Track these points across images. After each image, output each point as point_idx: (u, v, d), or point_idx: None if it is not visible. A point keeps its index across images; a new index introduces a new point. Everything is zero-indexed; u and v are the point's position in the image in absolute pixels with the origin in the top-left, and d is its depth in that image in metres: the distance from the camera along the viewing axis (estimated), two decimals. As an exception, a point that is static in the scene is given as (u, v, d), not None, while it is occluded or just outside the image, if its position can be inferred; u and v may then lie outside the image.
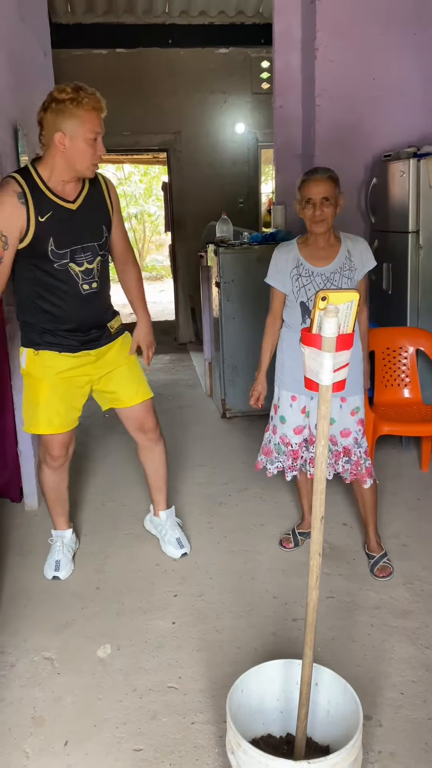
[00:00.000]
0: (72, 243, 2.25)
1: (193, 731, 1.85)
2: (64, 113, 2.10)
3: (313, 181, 2.39)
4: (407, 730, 1.84)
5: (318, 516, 1.26)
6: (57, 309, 2.32)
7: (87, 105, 2.11)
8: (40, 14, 4.44)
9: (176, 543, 2.75)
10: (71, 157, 2.17)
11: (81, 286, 2.31)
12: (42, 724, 1.90)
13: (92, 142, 2.15)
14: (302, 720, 1.45)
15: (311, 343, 1.14)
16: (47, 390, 2.40)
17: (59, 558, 2.64)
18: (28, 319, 2.39)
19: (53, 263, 2.24)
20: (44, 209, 2.19)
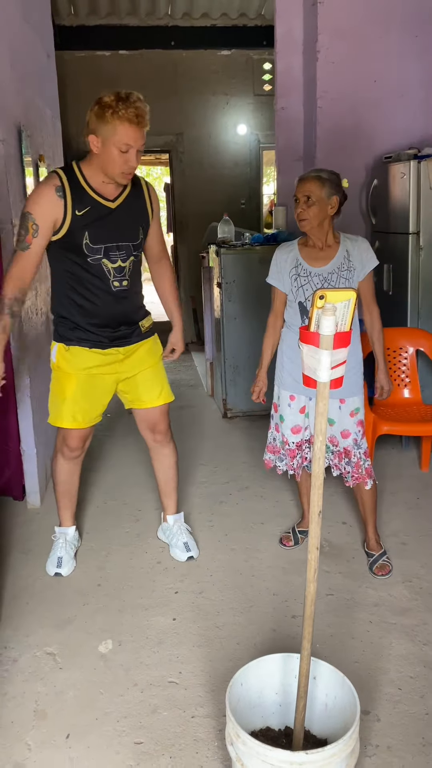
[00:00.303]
0: (107, 240, 2.31)
1: (193, 725, 1.88)
2: (102, 118, 2.15)
3: (301, 181, 2.44)
4: (405, 724, 1.86)
5: (316, 510, 1.29)
6: (88, 303, 2.38)
7: (123, 116, 2.12)
8: (43, 16, 4.47)
9: (183, 546, 2.75)
10: (103, 161, 2.22)
11: (112, 282, 2.36)
12: (44, 717, 1.92)
13: (122, 153, 2.18)
14: (300, 712, 1.47)
15: (309, 340, 1.17)
16: (74, 385, 2.46)
17: (61, 555, 2.67)
18: (61, 312, 2.45)
19: (87, 257, 2.31)
20: (82, 204, 2.26)
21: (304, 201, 2.41)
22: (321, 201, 2.40)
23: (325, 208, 2.41)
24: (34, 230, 2.22)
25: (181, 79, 6.84)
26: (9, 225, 2.93)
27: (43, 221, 2.23)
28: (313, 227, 2.43)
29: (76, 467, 2.69)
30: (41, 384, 3.41)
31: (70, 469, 2.67)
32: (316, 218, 2.41)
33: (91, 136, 2.20)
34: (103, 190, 2.30)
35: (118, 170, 2.22)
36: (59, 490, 2.72)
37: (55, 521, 3.08)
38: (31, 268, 2.27)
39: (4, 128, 2.90)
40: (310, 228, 2.44)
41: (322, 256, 2.49)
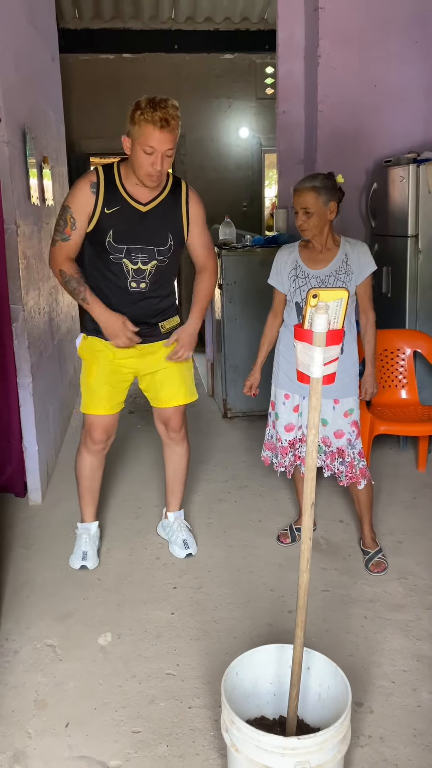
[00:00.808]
0: (130, 241, 2.38)
1: (190, 715, 1.92)
2: (132, 120, 2.22)
3: (297, 192, 2.47)
4: (397, 716, 1.90)
5: (308, 502, 1.33)
6: (105, 299, 2.45)
7: (149, 119, 2.17)
8: (48, 19, 4.54)
9: (182, 543, 2.79)
10: (132, 162, 2.30)
11: (129, 282, 2.44)
12: (44, 707, 1.97)
13: (147, 154, 2.22)
14: (293, 699, 1.51)
15: (303, 338, 1.21)
16: (95, 372, 2.55)
17: (86, 549, 2.70)
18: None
19: (109, 254, 2.39)
20: (113, 203, 2.36)
21: (303, 213, 2.45)
22: (319, 211, 2.44)
23: (324, 215, 2.46)
24: (72, 223, 2.36)
25: (183, 82, 6.90)
26: (13, 225, 2.98)
27: (79, 215, 2.36)
28: (315, 235, 2.48)
29: (100, 462, 2.72)
30: (43, 382, 3.46)
31: (93, 463, 2.70)
32: (317, 227, 2.47)
33: (124, 137, 2.28)
34: (135, 192, 2.37)
35: (144, 171, 2.27)
36: (82, 485, 2.74)
37: (57, 518, 3.15)
38: (73, 254, 2.42)
39: (9, 130, 2.95)
40: (312, 236, 2.49)
41: (321, 259, 2.53)
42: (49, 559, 2.78)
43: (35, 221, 3.48)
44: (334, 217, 2.49)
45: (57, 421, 3.90)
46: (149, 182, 2.31)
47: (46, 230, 3.80)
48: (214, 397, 5.04)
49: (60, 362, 4.14)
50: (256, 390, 2.74)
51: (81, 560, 2.67)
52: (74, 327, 5.00)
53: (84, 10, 6.31)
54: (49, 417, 3.59)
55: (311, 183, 2.45)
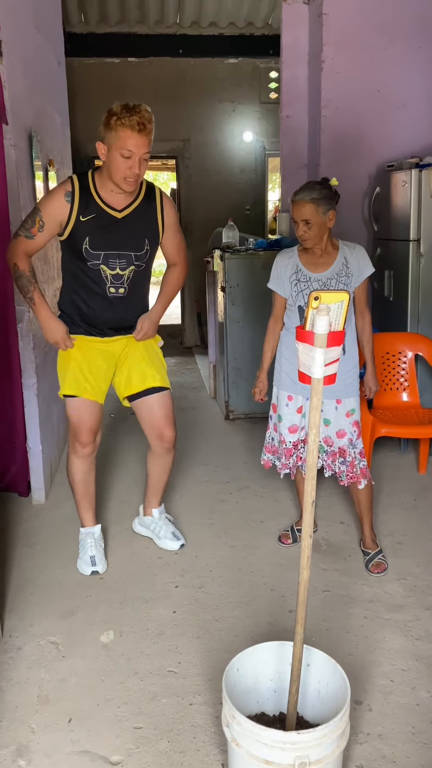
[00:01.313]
0: (107, 247, 2.42)
1: (191, 711, 1.94)
2: (107, 126, 2.27)
3: (295, 204, 2.49)
4: (396, 714, 1.92)
5: (309, 500, 1.36)
6: (85, 306, 2.52)
7: (126, 123, 2.22)
8: (54, 23, 4.57)
9: (172, 536, 2.85)
10: (108, 167, 2.33)
11: (108, 288, 2.47)
12: (47, 702, 1.99)
13: (125, 158, 2.26)
14: (293, 695, 1.54)
15: (304, 339, 1.24)
16: (79, 354, 2.55)
17: (93, 553, 2.68)
18: (64, 308, 2.60)
19: (86, 261, 2.42)
20: (88, 211, 2.39)
21: (303, 224, 2.48)
22: (319, 221, 2.47)
23: (324, 225, 2.49)
24: (40, 225, 2.39)
25: (188, 86, 6.94)
26: (19, 227, 3.01)
27: (48, 220, 2.39)
28: (316, 244, 2.52)
29: (91, 466, 2.72)
30: (47, 382, 3.49)
31: (84, 468, 2.69)
32: (317, 237, 2.50)
33: (99, 143, 2.32)
34: (111, 199, 2.41)
35: (121, 175, 2.30)
36: (77, 491, 2.73)
37: (60, 517, 3.18)
38: (32, 253, 2.44)
39: (16, 134, 2.99)
40: (312, 245, 2.52)
41: (321, 262, 2.57)
42: (53, 557, 2.81)
43: (41, 223, 3.50)
44: (333, 224, 2.53)
45: (60, 421, 3.93)
46: (126, 186, 2.34)
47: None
48: (216, 398, 5.07)
49: (64, 363, 4.16)
50: (265, 396, 2.78)
51: (91, 565, 2.65)
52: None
53: (90, 15, 6.36)
54: (52, 417, 3.62)
55: (310, 195, 2.46)
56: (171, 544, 2.83)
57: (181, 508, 3.24)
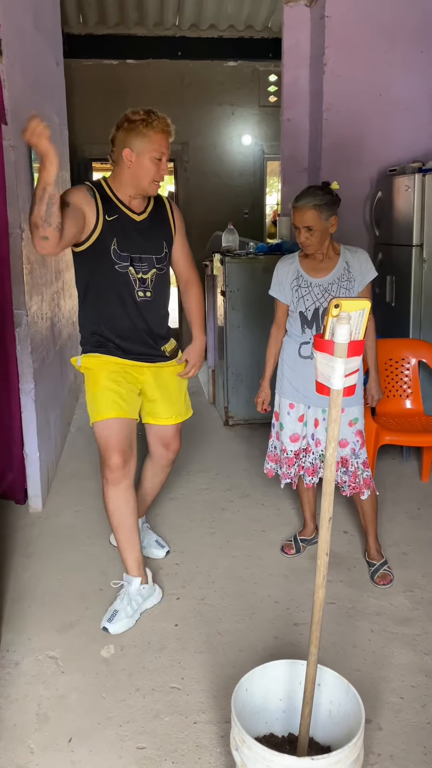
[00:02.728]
0: (133, 250, 2.35)
1: (196, 731, 1.88)
2: (134, 132, 2.23)
3: (297, 210, 2.45)
4: (406, 733, 1.87)
5: (326, 516, 1.30)
6: (115, 311, 2.37)
7: (156, 127, 2.23)
8: (53, 24, 4.52)
9: (156, 544, 2.83)
10: (136, 173, 2.27)
11: (137, 292, 2.38)
12: (46, 720, 1.92)
13: (156, 161, 2.26)
14: (305, 718, 1.48)
15: (324, 348, 1.19)
16: (106, 374, 2.38)
17: (118, 608, 2.34)
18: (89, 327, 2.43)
19: (115, 264, 2.33)
20: (111, 212, 2.32)
21: (305, 230, 2.44)
22: (321, 227, 2.43)
23: (326, 231, 2.45)
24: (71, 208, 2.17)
25: (187, 88, 6.90)
26: (18, 230, 2.95)
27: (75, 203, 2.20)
28: (317, 250, 2.48)
29: (126, 496, 2.36)
30: (45, 387, 3.43)
31: (120, 498, 2.34)
32: (319, 243, 2.46)
33: (126, 150, 2.25)
34: (129, 203, 2.36)
35: (150, 179, 2.28)
36: (114, 525, 2.40)
37: (58, 525, 3.12)
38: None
39: (15, 134, 2.93)
40: (314, 251, 2.49)
41: (322, 267, 2.53)
42: (50, 567, 2.74)
43: (39, 226, 3.45)
44: (335, 229, 2.48)
45: (58, 427, 3.87)
46: (153, 190, 2.32)
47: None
48: (215, 404, 5.01)
49: (61, 368, 4.10)
50: (268, 406, 2.72)
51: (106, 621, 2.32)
52: (75, 332, 4.96)
53: (89, 16, 6.31)
54: (50, 423, 3.56)
55: (312, 201, 2.42)
56: (157, 552, 2.80)
57: (181, 517, 3.18)
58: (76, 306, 5.08)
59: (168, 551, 2.83)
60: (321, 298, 2.52)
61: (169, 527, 3.06)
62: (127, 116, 2.26)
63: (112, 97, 6.69)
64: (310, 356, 2.56)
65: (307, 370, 2.56)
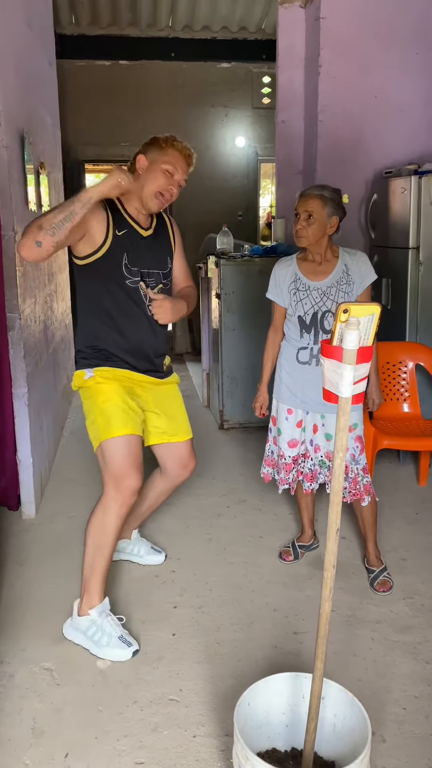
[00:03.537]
0: (142, 264, 2.31)
1: (195, 744, 1.84)
2: (155, 144, 2.29)
3: (303, 197, 2.45)
4: (410, 745, 1.83)
5: (333, 528, 1.26)
6: (125, 327, 2.29)
7: (177, 146, 2.28)
8: (45, 24, 4.48)
9: (153, 551, 2.79)
10: (144, 181, 2.24)
11: (148, 308, 2.32)
12: (42, 735, 1.87)
13: (167, 174, 2.24)
14: (311, 734, 1.44)
15: (332, 355, 1.15)
16: (118, 387, 2.26)
17: (120, 633, 2.22)
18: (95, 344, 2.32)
19: (126, 279, 2.27)
20: (122, 225, 2.27)
21: (305, 218, 2.41)
22: (321, 220, 2.41)
23: (325, 227, 2.43)
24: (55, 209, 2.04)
25: (180, 90, 6.87)
26: (11, 232, 2.90)
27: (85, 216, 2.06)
28: (311, 244, 2.44)
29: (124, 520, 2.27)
30: (38, 392, 3.38)
31: (121, 520, 2.22)
32: (314, 236, 2.43)
33: (140, 156, 2.27)
34: (137, 218, 2.32)
35: (156, 188, 2.24)
36: (101, 545, 2.21)
37: (52, 532, 3.06)
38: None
39: (9, 135, 2.88)
40: (307, 244, 2.45)
41: (320, 270, 2.50)
42: (44, 575, 2.69)
43: (32, 227, 3.40)
44: (334, 232, 2.46)
45: (51, 432, 3.82)
46: (154, 203, 2.27)
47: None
48: (209, 407, 4.97)
49: (54, 371, 4.05)
50: (266, 411, 2.69)
51: (128, 647, 2.19)
52: (68, 336, 4.91)
53: (81, 16, 6.26)
54: (43, 428, 3.51)
55: (320, 191, 2.43)
56: (156, 558, 2.76)
57: (176, 523, 3.13)
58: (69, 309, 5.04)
59: (166, 555, 2.80)
60: (320, 301, 2.49)
61: (164, 534, 3.01)
62: (153, 137, 2.32)
63: (104, 98, 6.66)
64: (308, 361, 2.53)
65: (305, 376, 2.53)
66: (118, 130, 6.74)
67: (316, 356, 2.52)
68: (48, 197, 4.02)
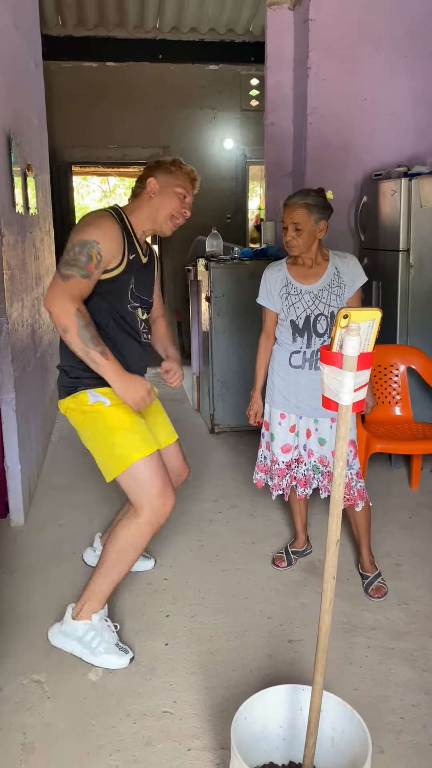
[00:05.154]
0: (142, 291, 2.28)
1: (190, 758, 1.80)
2: (163, 168, 2.25)
3: (287, 207, 2.42)
4: (409, 756, 1.80)
5: (333, 539, 1.23)
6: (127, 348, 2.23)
7: (185, 170, 2.26)
8: (32, 24, 4.43)
9: (143, 558, 2.75)
10: (157, 205, 2.22)
11: (142, 333, 2.29)
12: (32, 751, 1.83)
13: (180, 196, 2.23)
14: (310, 749, 1.41)
15: (331, 361, 1.12)
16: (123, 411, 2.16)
17: (117, 640, 2.21)
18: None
19: (129, 304, 2.22)
20: (131, 250, 2.22)
21: (293, 229, 2.39)
22: (310, 228, 2.39)
23: (314, 234, 2.41)
24: (97, 260, 2.06)
25: (168, 92, 6.83)
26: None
27: (106, 254, 2.08)
28: (302, 252, 2.42)
29: None
30: (26, 397, 3.33)
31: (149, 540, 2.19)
32: (305, 245, 2.42)
33: (151, 179, 2.22)
34: (141, 243, 2.29)
35: (170, 212, 2.22)
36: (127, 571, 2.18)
37: (41, 540, 3.01)
38: (86, 296, 2.08)
39: (-5, 136, 2.83)
40: (299, 253, 2.44)
41: (311, 274, 2.48)
42: (34, 585, 2.64)
43: (19, 231, 3.35)
44: (323, 235, 2.44)
45: (39, 438, 3.76)
46: (168, 229, 2.26)
47: (29, 240, 3.67)
48: (200, 411, 4.93)
49: (42, 376, 4.00)
50: (261, 418, 2.66)
51: (125, 653, 2.17)
52: (55, 339, 4.86)
53: (67, 17, 6.21)
54: (31, 434, 3.45)
55: (304, 200, 2.39)
56: (146, 565, 2.73)
57: (167, 529, 3.08)
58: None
59: (155, 561, 2.76)
60: (312, 305, 2.47)
61: (156, 540, 2.96)
62: (157, 160, 2.30)
63: (91, 100, 6.61)
64: (300, 365, 2.50)
65: (298, 380, 2.50)
66: (106, 132, 6.69)
67: (308, 360, 2.49)
68: (35, 199, 3.97)
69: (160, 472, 2.13)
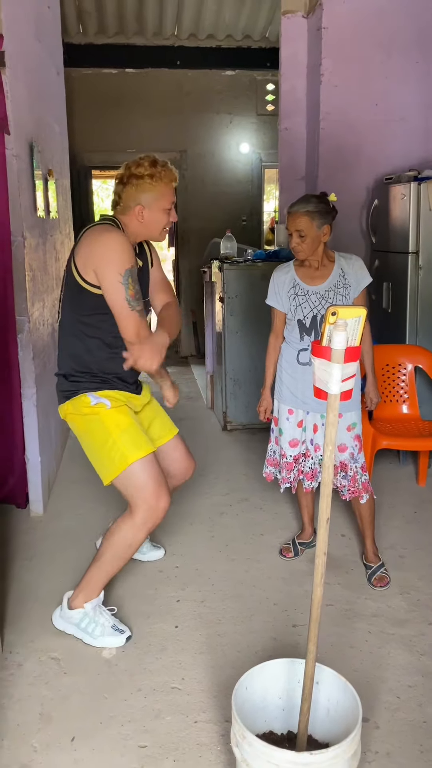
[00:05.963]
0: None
1: (196, 729, 1.91)
2: (143, 188, 2.21)
3: (291, 216, 2.51)
4: (403, 731, 1.90)
5: (324, 517, 1.34)
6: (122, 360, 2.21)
7: (165, 179, 2.23)
8: (53, 33, 4.58)
9: (153, 548, 2.88)
10: (147, 225, 2.27)
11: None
12: (49, 720, 1.96)
13: (167, 211, 2.27)
14: (304, 714, 1.52)
15: (321, 354, 1.23)
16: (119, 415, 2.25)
17: (113, 623, 2.32)
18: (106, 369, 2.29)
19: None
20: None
21: (297, 236, 2.49)
22: (313, 234, 2.49)
23: (318, 239, 2.51)
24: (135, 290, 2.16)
25: (185, 97, 6.96)
26: (20, 237, 3.00)
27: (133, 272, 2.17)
28: (308, 256, 2.53)
29: None
30: (46, 393, 3.47)
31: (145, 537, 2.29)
32: (310, 250, 2.52)
33: (138, 207, 2.22)
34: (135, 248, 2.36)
35: (161, 227, 2.29)
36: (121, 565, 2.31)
37: (58, 528, 3.14)
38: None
39: (18, 144, 2.98)
40: (305, 257, 2.54)
41: (318, 275, 2.58)
42: (52, 570, 2.77)
43: (41, 234, 3.50)
44: (328, 238, 2.53)
45: (58, 432, 3.90)
46: (164, 237, 2.35)
47: (50, 243, 3.82)
48: (213, 409, 5.05)
49: (61, 373, 4.14)
50: (270, 415, 2.77)
51: (120, 633, 2.29)
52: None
53: (88, 25, 6.37)
54: (50, 429, 3.59)
55: (305, 207, 2.49)
56: (157, 554, 2.85)
57: (180, 521, 3.21)
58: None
59: (165, 551, 2.88)
60: (318, 305, 2.58)
61: (168, 531, 3.09)
62: (131, 171, 2.21)
63: (111, 105, 6.76)
64: (308, 363, 2.60)
65: (305, 377, 2.61)
66: (125, 136, 6.83)
67: (315, 358, 2.59)
68: (56, 203, 4.11)
69: (154, 473, 2.22)
